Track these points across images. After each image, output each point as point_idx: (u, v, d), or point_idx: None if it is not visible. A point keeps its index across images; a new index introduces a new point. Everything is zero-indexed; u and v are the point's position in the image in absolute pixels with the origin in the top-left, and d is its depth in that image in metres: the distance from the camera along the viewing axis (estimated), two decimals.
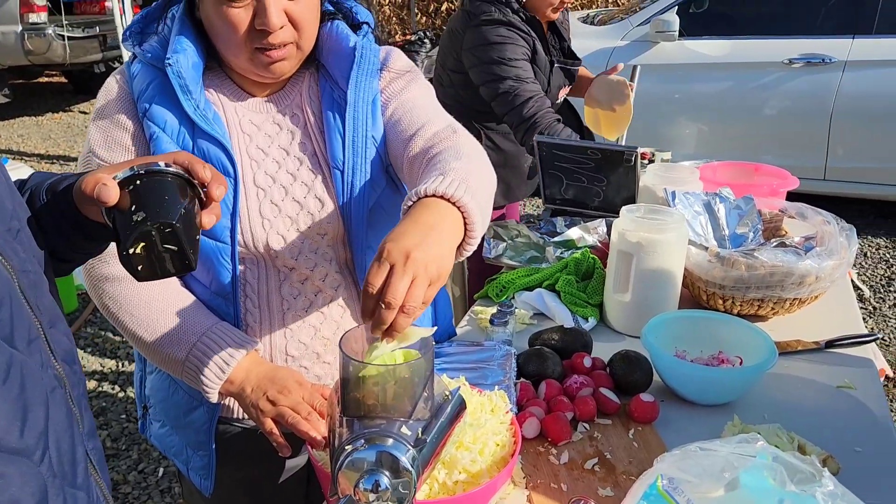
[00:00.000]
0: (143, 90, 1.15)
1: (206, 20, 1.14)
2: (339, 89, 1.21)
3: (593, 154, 2.02)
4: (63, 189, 0.87)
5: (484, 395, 1.14)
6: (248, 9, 1.09)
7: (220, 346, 1.12)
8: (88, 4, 7.97)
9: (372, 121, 1.21)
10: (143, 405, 1.35)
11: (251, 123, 1.22)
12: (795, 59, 4.47)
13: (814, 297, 1.64)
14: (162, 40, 1.17)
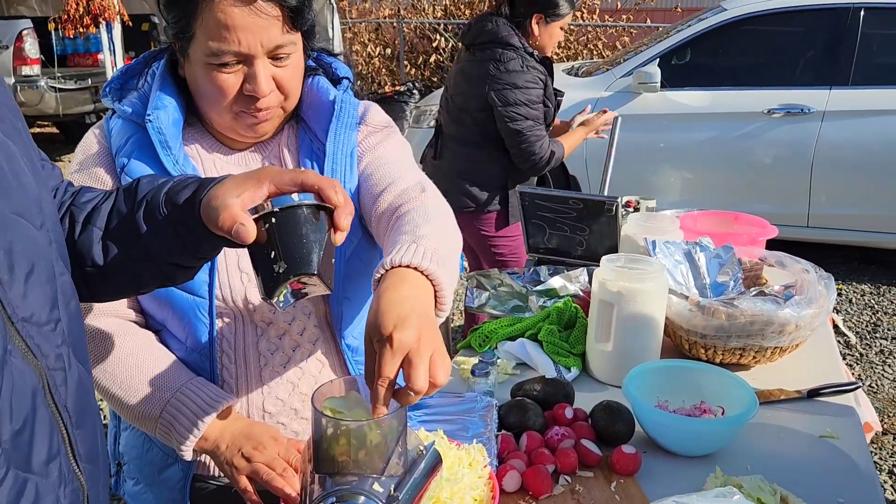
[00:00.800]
0: (121, 145, 1.16)
1: (191, 80, 1.14)
2: (319, 141, 1.23)
3: (575, 204, 2.04)
4: (185, 203, 0.86)
5: (462, 448, 1.13)
6: (237, 74, 1.09)
7: (194, 402, 1.10)
8: (81, 57, 8.08)
9: (350, 173, 1.23)
10: (116, 462, 1.32)
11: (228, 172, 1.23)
12: (775, 109, 4.56)
13: (795, 345, 1.64)
14: (142, 96, 1.18)
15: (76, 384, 0.75)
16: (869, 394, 3.39)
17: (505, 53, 2.56)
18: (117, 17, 5.80)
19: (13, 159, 0.73)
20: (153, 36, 8.45)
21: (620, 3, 9.94)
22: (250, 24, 1.04)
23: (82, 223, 0.92)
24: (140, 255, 0.91)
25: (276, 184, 0.81)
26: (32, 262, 0.69)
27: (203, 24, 1.05)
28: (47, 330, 0.71)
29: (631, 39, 9.12)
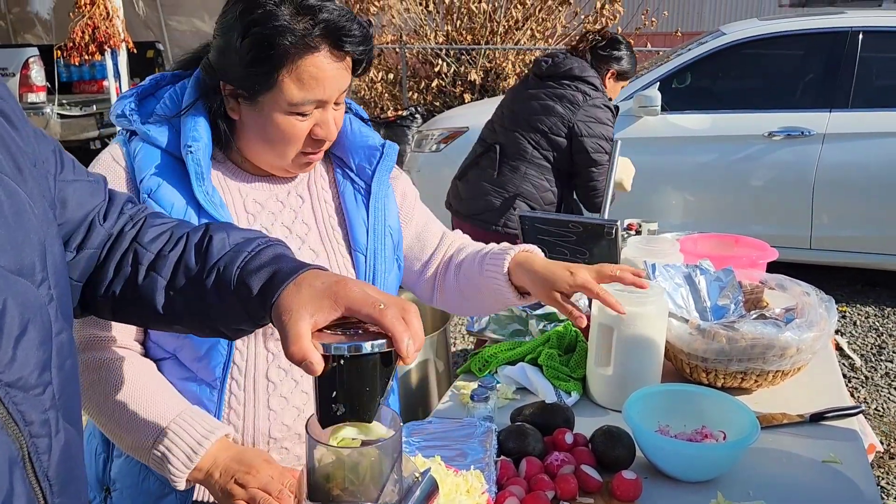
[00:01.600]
0: (146, 171, 1.15)
1: (251, 123, 1.16)
2: (361, 180, 1.29)
3: (575, 227, 2.04)
4: (259, 294, 0.83)
5: (459, 475, 1.12)
6: (309, 120, 1.14)
7: (188, 433, 1.09)
8: (86, 84, 8.17)
9: (390, 212, 1.32)
10: (104, 488, 1.30)
11: (255, 202, 1.24)
12: (776, 131, 4.57)
13: (797, 368, 1.63)
14: (163, 122, 1.17)
15: (61, 450, 0.71)
16: (875, 417, 3.36)
17: (591, 90, 2.82)
18: (122, 44, 5.86)
19: (19, 208, 0.70)
20: (157, 63, 8.55)
21: (621, 28, 10.03)
22: (335, 75, 1.11)
23: (146, 269, 0.90)
24: (201, 314, 0.90)
25: (353, 312, 0.77)
26: (26, 322, 0.67)
27: (292, 75, 1.09)
28: (34, 394, 0.67)
29: None
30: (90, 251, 0.92)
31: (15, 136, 0.75)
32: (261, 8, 1.07)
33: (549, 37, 9.75)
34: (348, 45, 1.10)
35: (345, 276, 0.81)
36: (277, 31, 1.06)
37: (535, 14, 9.62)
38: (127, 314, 0.96)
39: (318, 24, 1.07)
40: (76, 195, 0.89)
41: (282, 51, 1.07)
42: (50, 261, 0.73)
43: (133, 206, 1.00)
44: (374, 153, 1.29)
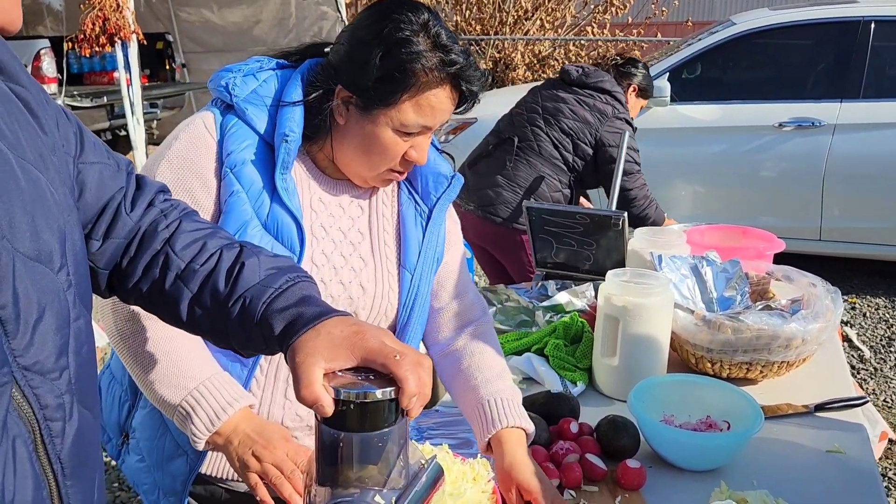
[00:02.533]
0: (235, 148, 1.18)
1: (355, 132, 1.19)
2: (423, 204, 1.34)
3: (582, 219, 2.05)
4: (280, 334, 0.83)
5: (466, 463, 1.13)
6: (409, 141, 1.19)
7: (214, 397, 1.12)
8: (97, 75, 8.20)
9: (441, 240, 1.36)
10: (123, 433, 1.34)
11: (320, 201, 1.27)
12: (786, 122, 4.55)
13: (802, 359, 1.64)
14: (263, 106, 1.21)
15: (75, 434, 0.73)
16: (884, 408, 3.35)
17: (619, 105, 2.92)
18: (132, 35, 5.88)
19: (40, 194, 0.72)
20: (167, 54, 8.57)
21: (631, 17, 9.97)
22: (446, 109, 1.18)
23: (174, 277, 0.91)
24: (221, 334, 0.91)
25: (369, 362, 0.78)
26: (44, 307, 0.68)
27: (413, 100, 1.14)
28: (51, 378, 0.69)
29: (642, 54, 9.14)
30: (117, 241, 0.92)
31: (35, 125, 0.77)
32: (402, 32, 1.13)
33: (559, 27, 9.71)
34: (467, 87, 1.17)
35: (364, 326, 0.81)
36: (414, 57, 1.12)
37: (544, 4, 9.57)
38: (149, 309, 0.98)
39: (451, 63, 1.14)
40: (96, 178, 0.89)
41: (413, 76, 1.12)
42: (69, 247, 0.75)
43: (165, 197, 0.99)
44: (443, 182, 1.33)
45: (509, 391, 1.30)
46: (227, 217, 1.17)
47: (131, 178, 0.95)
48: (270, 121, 1.20)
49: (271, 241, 1.19)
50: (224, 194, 1.18)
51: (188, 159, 1.19)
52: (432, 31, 1.14)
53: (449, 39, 1.15)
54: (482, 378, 1.32)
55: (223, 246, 0.94)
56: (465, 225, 2.86)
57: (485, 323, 1.42)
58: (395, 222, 1.35)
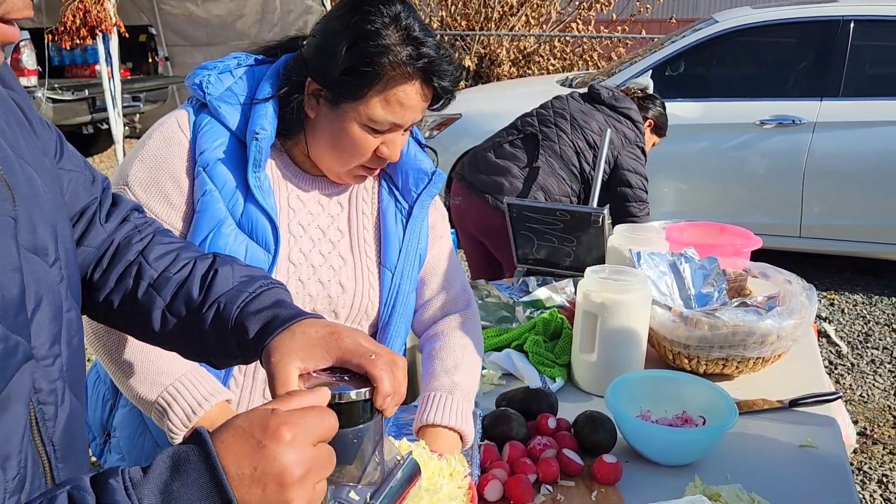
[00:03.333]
0: (208, 147, 1.17)
1: (324, 126, 1.18)
2: (404, 201, 1.32)
3: (562, 215, 2.07)
4: (255, 338, 0.83)
5: (443, 459, 1.14)
6: (380, 138, 1.17)
7: (190, 392, 1.12)
8: (79, 68, 8.12)
9: (424, 240, 1.35)
10: (105, 432, 1.34)
11: (298, 199, 1.27)
12: (767, 120, 4.59)
13: (777, 355, 1.66)
14: (236, 104, 1.19)
15: (66, 420, 0.75)
16: (860, 403, 3.40)
17: (640, 135, 3.04)
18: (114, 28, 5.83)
19: (36, 192, 0.73)
20: (150, 47, 8.49)
21: (616, 14, 10.01)
22: (417, 105, 1.16)
23: (147, 286, 0.91)
24: (193, 343, 0.91)
25: (344, 362, 0.78)
26: (40, 297, 0.70)
27: (381, 95, 1.13)
28: (45, 364, 0.71)
29: (626, 51, 9.18)
30: (89, 249, 0.93)
31: (29, 128, 0.79)
32: (371, 24, 1.11)
33: (544, 23, 9.72)
34: (438, 83, 1.15)
35: (339, 327, 0.81)
36: (382, 50, 1.10)
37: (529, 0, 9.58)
38: (119, 324, 0.98)
39: (420, 57, 1.12)
40: (70, 186, 0.90)
41: (380, 70, 1.11)
42: (61, 243, 0.77)
43: (140, 215, 1.00)
44: (423, 178, 1.32)
45: (453, 388, 1.29)
46: (200, 216, 1.16)
47: (107, 192, 0.97)
48: (243, 118, 1.20)
49: (246, 240, 1.18)
50: (197, 193, 1.17)
51: (161, 158, 1.18)
52: (403, 23, 1.12)
53: (422, 32, 1.13)
54: (436, 368, 1.33)
55: (197, 256, 0.94)
56: (469, 212, 2.90)
57: (464, 314, 1.41)
58: (375, 219, 1.34)
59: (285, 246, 1.23)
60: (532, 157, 2.93)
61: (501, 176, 2.89)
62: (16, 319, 0.66)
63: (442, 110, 1.25)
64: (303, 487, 0.61)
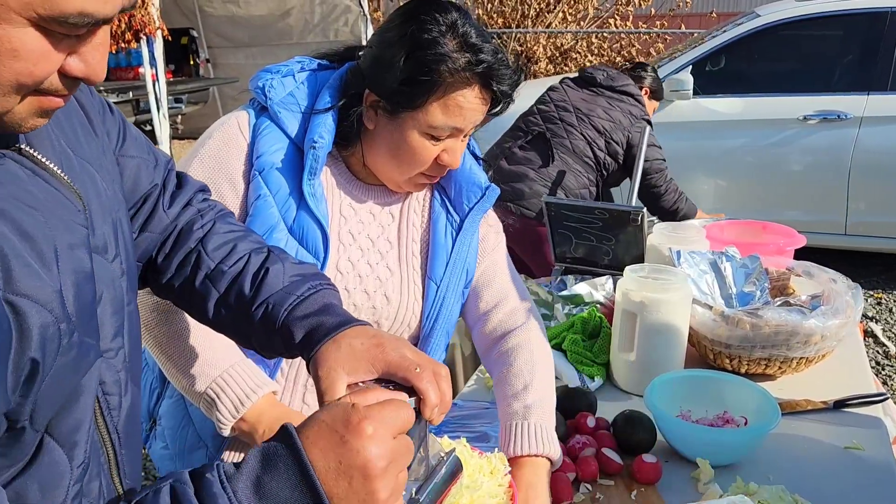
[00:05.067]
0: (266, 151, 1.19)
1: (383, 135, 1.19)
2: (455, 214, 1.33)
3: (601, 214, 2.06)
4: (300, 343, 0.85)
5: (483, 457, 1.15)
6: (440, 145, 1.18)
7: (238, 384, 1.14)
8: (123, 71, 8.32)
9: (473, 255, 1.34)
10: (152, 419, 1.37)
11: (350, 207, 1.28)
12: (811, 115, 4.50)
13: (821, 355, 1.63)
14: (297, 111, 1.21)
15: (128, 408, 0.79)
16: None
17: (642, 105, 3.04)
18: (157, 31, 5.96)
19: (98, 190, 0.76)
20: (192, 49, 8.65)
21: (655, 9, 9.89)
22: (477, 109, 1.16)
23: (203, 277, 0.95)
24: (245, 336, 0.94)
25: (389, 375, 0.80)
26: (101, 293, 0.73)
27: (440, 101, 1.13)
28: (108, 357, 0.75)
29: (665, 46, 9.07)
30: (153, 235, 0.96)
31: (89, 126, 0.82)
32: (428, 34, 1.11)
33: (581, 19, 9.65)
34: (497, 87, 1.16)
35: (383, 338, 0.82)
36: (439, 58, 1.11)
37: None
38: (179, 305, 1.02)
39: (479, 63, 1.12)
40: (132, 171, 0.92)
41: (439, 78, 1.11)
42: (121, 238, 0.80)
43: (203, 196, 1.02)
44: (477, 192, 1.32)
45: (529, 412, 1.25)
46: (253, 220, 1.18)
47: (171, 174, 0.99)
48: (302, 125, 1.21)
49: (296, 246, 1.20)
50: (251, 196, 1.19)
51: (219, 159, 1.20)
52: (460, 30, 1.13)
53: (479, 38, 1.13)
54: (507, 393, 1.29)
55: (252, 250, 0.96)
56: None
57: (525, 330, 1.36)
58: (424, 231, 1.34)
59: (334, 254, 1.24)
60: (545, 156, 2.92)
61: (520, 182, 2.89)
62: (89, 324, 0.69)
63: (501, 113, 1.24)
64: (386, 478, 0.64)
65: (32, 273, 0.61)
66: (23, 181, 0.65)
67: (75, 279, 0.67)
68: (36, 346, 0.60)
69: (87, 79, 0.62)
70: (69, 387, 0.67)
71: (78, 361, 0.67)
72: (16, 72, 0.57)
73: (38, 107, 0.61)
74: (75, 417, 0.69)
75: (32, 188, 0.66)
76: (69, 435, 0.68)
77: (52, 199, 0.68)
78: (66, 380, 0.66)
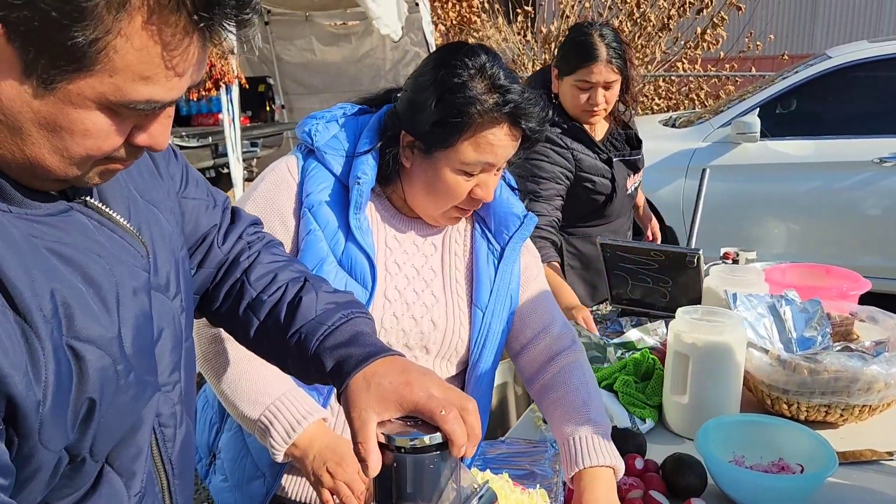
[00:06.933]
0: (314, 189, 1.27)
1: (418, 173, 1.26)
2: (496, 243, 1.38)
3: (657, 255, 2.05)
4: (330, 372, 0.88)
5: (525, 492, 1.16)
6: (473, 180, 1.25)
7: (290, 410, 1.19)
8: (203, 117, 8.72)
9: (514, 277, 1.39)
10: (211, 453, 1.43)
11: (395, 239, 1.35)
12: (887, 157, 4.36)
13: (886, 404, 1.57)
14: (341, 153, 1.29)
15: (183, 439, 0.83)
16: None
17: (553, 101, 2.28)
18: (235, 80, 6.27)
19: (162, 232, 0.82)
20: (268, 96, 9.02)
21: (724, 52, 9.79)
22: (508, 145, 1.22)
23: (245, 306, 1.00)
24: (283, 363, 0.99)
25: (417, 414, 0.83)
26: (161, 329, 0.78)
27: (471, 140, 1.20)
28: (165, 391, 0.79)
29: (735, 88, 8.95)
30: (208, 270, 1.02)
31: (155, 170, 0.89)
32: (458, 78, 1.18)
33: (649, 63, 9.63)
34: (526, 125, 1.21)
35: (412, 374, 0.84)
36: (469, 101, 1.17)
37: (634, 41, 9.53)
38: (230, 332, 1.07)
39: (506, 103, 1.18)
40: (192, 213, 0.99)
41: (469, 119, 1.18)
42: (182, 277, 0.85)
43: (254, 229, 1.08)
44: (515, 221, 1.38)
45: (592, 426, 1.27)
46: (304, 254, 1.25)
47: (226, 213, 1.05)
48: (346, 164, 1.29)
49: (346, 277, 1.26)
50: (302, 232, 1.26)
51: (271, 200, 1.28)
52: (489, 72, 1.19)
53: (507, 80, 1.19)
54: (564, 413, 1.31)
55: (290, 280, 1.01)
56: None
57: (573, 352, 1.40)
58: (467, 260, 1.39)
59: (381, 283, 1.30)
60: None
61: None
62: (148, 363, 0.74)
63: (531, 148, 1.29)
64: None
65: (94, 318, 0.66)
66: (90, 231, 0.71)
67: (135, 322, 0.71)
68: (94, 387, 0.65)
69: (150, 148, 0.69)
70: (128, 422, 0.71)
71: (136, 399, 0.71)
72: (86, 148, 0.64)
73: (103, 170, 0.68)
74: (134, 449, 0.73)
75: (99, 237, 0.71)
76: (128, 465, 0.73)
77: (116, 247, 0.73)
78: (125, 415, 0.70)
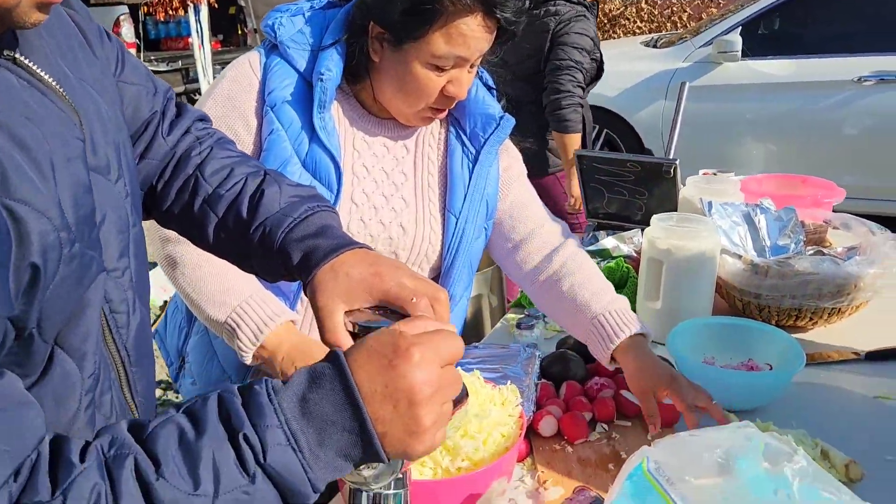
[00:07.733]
0: (277, 87, 1.21)
1: (388, 69, 1.20)
2: (471, 146, 1.33)
3: (633, 167, 2.02)
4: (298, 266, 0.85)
5: (495, 388, 1.16)
6: (444, 77, 1.19)
7: (257, 312, 1.17)
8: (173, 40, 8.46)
9: (491, 181, 1.35)
10: (181, 357, 1.42)
11: (363, 141, 1.30)
12: (867, 76, 4.33)
13: (855, 307, 1.59)
14: (305, 48, 1.23)
15: (138, 326, 0.81)
16: None
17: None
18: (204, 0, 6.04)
19: (99, 113, 0.77)
20: (239, 19, 8.74)
21: None
22: (481, 37, 1.16)
23: (202, 202, 0.96)
24: (245, 259, 0.95)
25: (386, 303, 0.80)
26: (104, 213, 0.75)
27: (443, 30, 1.14)
28: (115, 276, 0.77)
29: (718, 9, 8.79)
30: (153, 162, 0.97)
31: (89, 49, 0.83)
32: None
33: None
34: (501, 14, 1.15)
35: (381, 266, 0.81)
36: None
37: None
38: (181, 232, 1.03)
39: None
40: (132, 99, 0.93)
41: (440, 6, 1.12)
42: (124, 161, 0.81)
43: (202, 125, 1.03)
44: (491, 122, 1.33)
45: (618, 302, 1.31)
46: (267, 154, 1.21)
47: (170, 103, 1.00)
48: (311, 61, 1.23)
49: (310, 179, 1.22)
50: (264, 132, 1.22)
51: (232, 98, 1.23)
52: None
53: None
54: (588, 295, 1.32)
55: (249, 173, 0.97)
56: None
57: (572, 242, 1.41)
58: (440, 164, 1.35)
59: (348, 186, 1.26)
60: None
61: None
62: (90, 237, 0.71)
63: (507, 44, 1.23)
64: (431, 405, 0.63)
65: (29, 181, 0.62)
66: (18, 91, 0.66)
67: (73, 191, 0.68)
68: (36, 251, 0.62)
69: None
70: (74, 298, 0.69)
71: (81, 273, 0.68)
72: None
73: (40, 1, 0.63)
74: (82, 330, 0.71)
75: (28, 99, 0.67)
76: (78, 346, 0.71)
77: (47, 112, 0.68)
78: (71, 291, 0.67)
